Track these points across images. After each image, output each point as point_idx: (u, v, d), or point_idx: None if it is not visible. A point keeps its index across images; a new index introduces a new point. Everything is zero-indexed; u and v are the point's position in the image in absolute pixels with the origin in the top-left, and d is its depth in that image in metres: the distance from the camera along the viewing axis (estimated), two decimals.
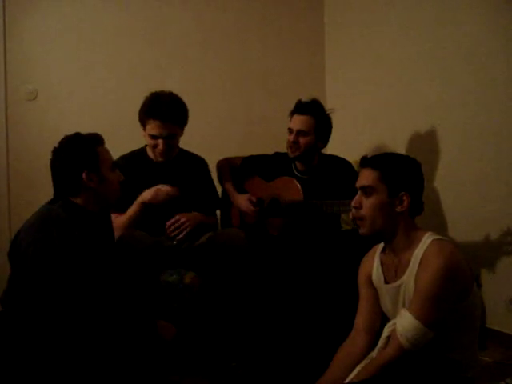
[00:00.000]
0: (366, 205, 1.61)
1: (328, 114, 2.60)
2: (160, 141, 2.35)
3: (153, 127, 2.33)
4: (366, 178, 1.62)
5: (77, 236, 1.75)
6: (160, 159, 2.42)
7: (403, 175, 1.61)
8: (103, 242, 1.91)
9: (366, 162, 1.66)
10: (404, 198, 1.59)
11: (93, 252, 1.80)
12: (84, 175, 1.81)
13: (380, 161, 1.64)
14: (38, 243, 1.69)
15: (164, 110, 2.31)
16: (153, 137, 2.35)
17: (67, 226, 1.75)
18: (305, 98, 2.59)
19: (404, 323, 1.48)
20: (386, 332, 1.59)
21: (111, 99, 3.22)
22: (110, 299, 1.80)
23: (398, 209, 1.59)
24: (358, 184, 1.64)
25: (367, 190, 1.61)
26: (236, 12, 3.51)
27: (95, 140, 1.89)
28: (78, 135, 1.87)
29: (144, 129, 2.40)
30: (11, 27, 3.00)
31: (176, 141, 2.43)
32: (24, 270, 1.71)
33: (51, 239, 1.70)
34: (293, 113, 2.58)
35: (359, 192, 1.64)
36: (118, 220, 2.30)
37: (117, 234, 2.29)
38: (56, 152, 1.85)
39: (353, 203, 1.63)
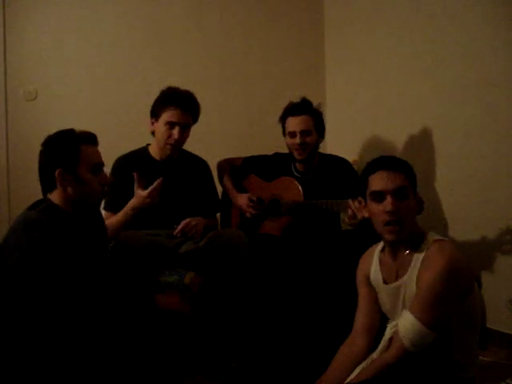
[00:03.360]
0: (404, 207, 1.54)
1: (317, 109, 2.63)
2: (176, 129, 2.37)
3: (173, 114, 2.36)
4: (397, 179, 1.55)
5: (58, 237, 1.68)
6: (168, 151, 2.42)
7: (415, 177, 1.63)
8: (85, 245, 1.82)
9: (385, 164, 1.60)
10: (418, 197, 1.62)
11: (75, 254, 1.73)
12: (57, 173, 1.74)
13: (400, 162, 1.63)
14: (22, 246, 1.63)
15: (185, 100, 2.40)
16: (170, 124, 2.37)
17: (47, 228, 1.68)
18: (295, 100, 2.60)
19: (406, 325, 1.47)
20: (388, 334, 1.58)
21: (111, 99, 3.22)
22: (95, 301, 1.75)
23: (418, 208, 1.61)
24: (388, 186, 1.55)
25: (404, 192, 1.55)
26: (236, 12, 3.50)
27: (82, 138, 1.81)
28: (68, 131, 1.81)
29: (157, 120, 2.40)
30: (11, 27, 3.00)
31: (188, 133, 2.45)
32: (10, 275, 1.64)
33: (34, 242, 1.63)
34: (286, 116, 2.59)
35: (391, 196, 1.54)
36: (109, 222, 2.31)
37: (108, 234, 2.32)
38: (42, 144, 1.81)
39: (390, 208, 1.53)
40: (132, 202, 2.27)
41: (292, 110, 2.57)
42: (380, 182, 1.56)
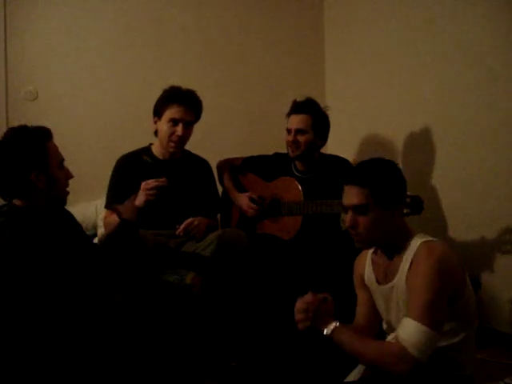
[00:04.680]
0: (362, 223, 1.56)
1: (324, 111, 2.62)
2: (180, 125, 2.38)
3: (176, 111, 2.37)
4: (355, 196, 1.56)
5: (36, 236, 1.61)
6: (171, 149, 2.42)
7: (392, 186, 1.57)
8: (67, 243, 1.75)
9: (351, 179, 1.59)
10: (397, 206, 1.58)
11: (60, 252, 1.66)
12: (33, 176, 1.65)
13: (366, 177, 1.57)
14: (12, 238, 1.56)
15: (188, 97, 2.41)
16: (174, 121, 2.37)
17: (22, 227, 1.61)
18: (299, 98, 2.60)
19: (407, 330, 1.43)
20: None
21: (111, 99, 3.23)
22: (92, 301, 1.72)
23: (396, 218, 1.57)
24: (348, 202, 1.57)
25: (360, 209, 1.56)
26: (236, 12, 3.51)
27: (44, 134, 1.71)
28: (25, 129, 1.69)
29: (160, 118, 2.41)
30: (11, 28, 3.01)
31: (190, 131, 2.46)
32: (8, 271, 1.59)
33: (20, 233, 1.58)
34: (290, 113, 2.60)
35: (351, 211, 1.57)
36: (110, 220, 2.32)
37: (108, 231, 2.29)
38: (0, 147, 1.66)
39: (348, 223, 1.57)
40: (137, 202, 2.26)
41: (293, 107, 2.60)
42: (344, 197, 1.60)
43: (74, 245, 1.79)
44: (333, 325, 1.51)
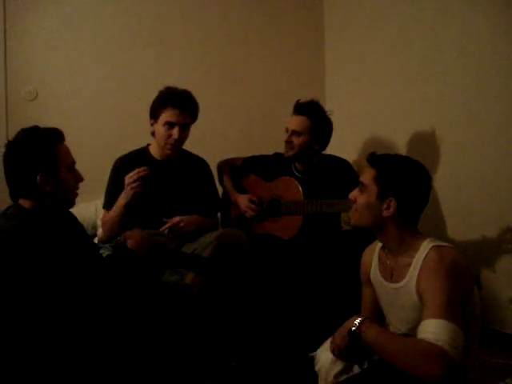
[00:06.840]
0: (358, 200, 1.61)
1: (327, 117, 2.59)
2: (176, 128, 2.37)
3: (171, 114, 2.36)
4: (364, 174, 1.62)
5: (40, 241, 1.61)
6: (168, 152, 2.42)
7: (396, 180, 1.55)
8: (70, 246, 1.75)
9: (370, 158, 1.64)
10: (391, 203, 1.55)
11: (63, 256, 1.67)
12: (38, 178, 1.64)
13: (380, 160, 1.61)
14: (17, 244, 1.56)
15: (183, 99, 2.39)
16: (169, 124, 2.36)
17: (25, 232, 1.60)
18: (304, 99, 2.59)
19: (430, 329, 1.38)
20: None
21: (111, 99, 3.23)
22: (92, 301, 1.71)
23: (384, 213, 1.55)
24: (360, 178, 1.64)
25: (361, 187, 1.61)
26: (236, 12, 3.51)
27: (55, 137, 1.70)
28: (36, 130, 1.69)
29: (156, 120, 2.40)
30: (11, 27, 3.01)
31: (187, 133, 2.45)
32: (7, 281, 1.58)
33: (18, 237, 1.58)
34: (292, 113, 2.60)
35: (358, 186, 1.63)
36: (104, 220, 2.33)
37: (105, 232, 2.34)
38: (10, 147, 1.67)
39: (350, 195, 1.64)
40: (120, 196, 2.26)
41: (294, 107, 2.59)
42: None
43: (76, 249, 1.79)
44: (358, 319, 1.49)
